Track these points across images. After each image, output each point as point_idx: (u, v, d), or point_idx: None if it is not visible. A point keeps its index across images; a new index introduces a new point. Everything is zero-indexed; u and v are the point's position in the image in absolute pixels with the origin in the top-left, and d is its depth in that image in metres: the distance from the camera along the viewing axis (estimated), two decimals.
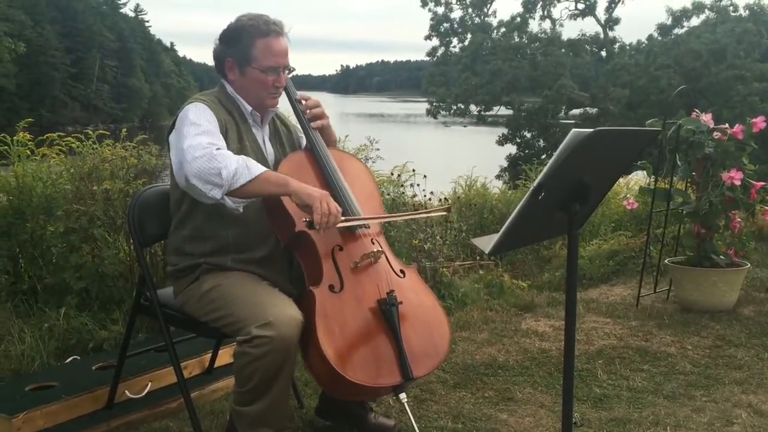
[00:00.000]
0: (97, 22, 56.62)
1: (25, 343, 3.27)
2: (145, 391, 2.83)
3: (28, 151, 3.97)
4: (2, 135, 3.96)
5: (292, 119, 2.67)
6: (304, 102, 2.57)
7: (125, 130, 4.26)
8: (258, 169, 2.18)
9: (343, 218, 2.24)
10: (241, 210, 2.29)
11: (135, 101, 58.43)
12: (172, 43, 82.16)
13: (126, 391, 2.77)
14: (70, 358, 3.25)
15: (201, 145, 2.18)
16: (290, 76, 2.52)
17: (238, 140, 2.39)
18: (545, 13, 30.72)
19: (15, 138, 3.96)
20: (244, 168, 2.15)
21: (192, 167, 2.16)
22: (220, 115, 2.36)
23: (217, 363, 3.11)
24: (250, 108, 2.46)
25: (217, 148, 2.19)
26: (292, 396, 2.72)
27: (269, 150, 2.50)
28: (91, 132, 4.10)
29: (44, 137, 4.07)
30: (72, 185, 3.79)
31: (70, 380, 2.83)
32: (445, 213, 2.88)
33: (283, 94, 2.53)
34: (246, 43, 2.39)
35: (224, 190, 2.15)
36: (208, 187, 2.16)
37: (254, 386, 2.17)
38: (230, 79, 2.46)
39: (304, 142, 2.62)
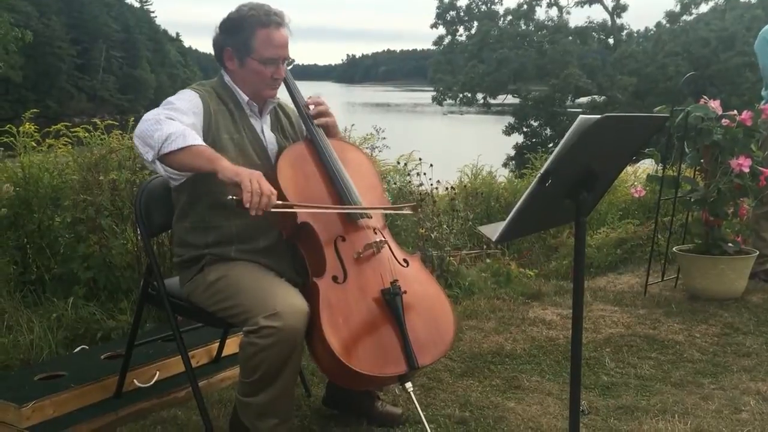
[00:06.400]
0: (103, 13, 56.58)
1: (34, 333, 3.29)
2: (153, 380, 2.84)
3: (33, 143, 3.98)
4: (8, 126, 3.97)
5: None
6: (311, 106, 2.54)
7: (133, 120, 4.26)
8: (194, 140, 2.13)
9: (278, 202, 2.13)
10: (176, 184, 2.26)
11: (141, 92, 58.34)
12: (177, 34, 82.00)
13: (134, 380, 2.79)
14: (79, 348, 3.26)
15: (156, 113, 2.19)
16: (293, 66, 2.50)
17: (235, 130, 2.37)
18: (552, 0, 30.53)
19: (21, 129, 3.97)
20: (179, 136, 2.11)
21: (138, 128, 2.18)
22: (211, 104, 2.34)
23: (225, 352, 3.12)
24: (246, 98, 2.44)
25: (169, 118, 2.17)
26: (299, 384, 2.72)
27: (269, 139, 2.48)
28: (99, 122, 4.10)
29: (50, 128, 4.08)
30: (79, 175, 3.80)
31: (78, 370, 2.84)
32: (411, 212, 2.73)
33: (283, 86, 2.51)
34: (246, 33, 2.36)
35: (155, 152, 2.12)
36: (145, 149, 2.15)
37: (260, 377, 2.17)
38: (229, 68, 2.44)
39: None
